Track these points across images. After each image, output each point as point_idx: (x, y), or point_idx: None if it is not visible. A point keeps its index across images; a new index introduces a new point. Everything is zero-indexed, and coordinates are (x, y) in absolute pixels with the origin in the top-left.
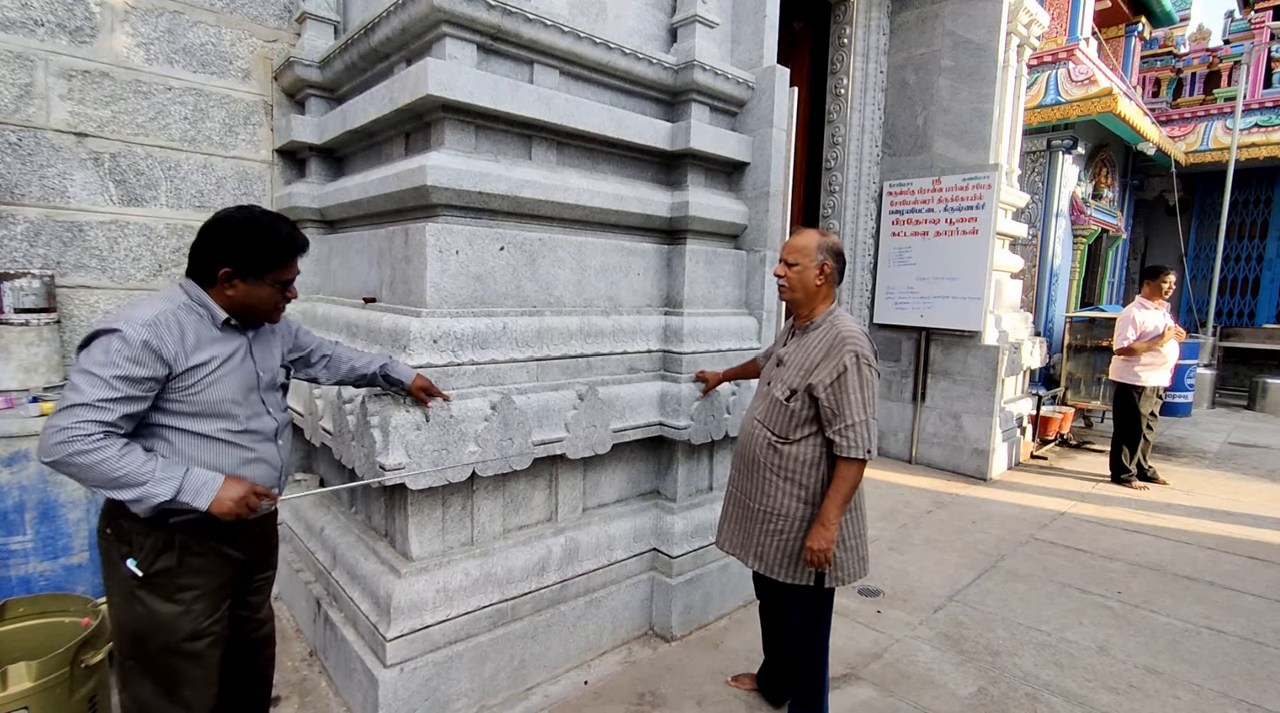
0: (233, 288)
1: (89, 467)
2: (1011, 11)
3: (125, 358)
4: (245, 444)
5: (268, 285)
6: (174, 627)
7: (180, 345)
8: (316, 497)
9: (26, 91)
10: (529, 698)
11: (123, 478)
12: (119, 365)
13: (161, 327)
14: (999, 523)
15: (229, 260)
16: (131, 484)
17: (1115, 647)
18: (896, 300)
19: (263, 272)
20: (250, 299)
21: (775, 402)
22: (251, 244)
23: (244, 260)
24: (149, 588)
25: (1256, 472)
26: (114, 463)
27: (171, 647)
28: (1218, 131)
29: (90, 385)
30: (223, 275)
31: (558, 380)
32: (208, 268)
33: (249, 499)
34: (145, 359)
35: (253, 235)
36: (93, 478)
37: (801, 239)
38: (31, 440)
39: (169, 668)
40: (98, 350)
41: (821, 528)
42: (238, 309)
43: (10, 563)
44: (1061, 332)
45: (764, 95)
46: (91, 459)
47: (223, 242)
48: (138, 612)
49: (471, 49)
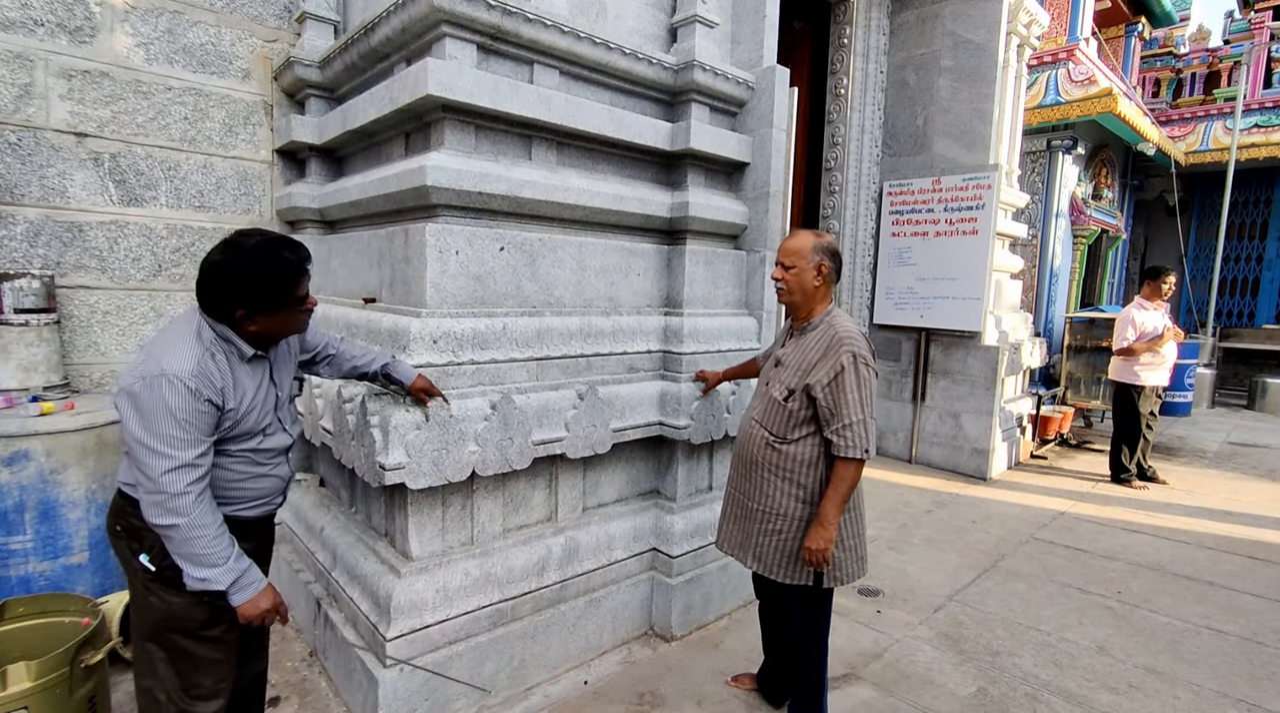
0: (254, 323)
1: (189, 541)
2: (1011, 11)
3: (189, 414)
4: (261, 461)
5: (285, 310)
6: (190, 615)
7: (225, 388)
8: (317, 496)
9: (26, 91)
10: (529, 698)
11: (205, 558)
12: (189, 423)
13: (205, 374)
14: (999, 523)
15: (241, 303)
16: (206, 565)
17: (1115, 647)
18: (896, 300)
19: (277, 303)
20: (273, 327)
21: (773, 402)
22: (259, 284)
23: (256, 300)
24: (162, 582)
25: (1256, 472)
26: (207, 543)
27: (191, 633)
28: (1218, 131)
29: (178, 449)
30: (240, 316)
31: (558, 380)
32: (222, 310)
33: (270, 614)
34: (205, 410)
35: (258, 275)
36: (182, 548)
37: (796, 241)
38: (31, 440)
39: (189, 654)
40: (160, 412)
41: (820, 528)
42: (263, 338)
43: (10, 563)
44: (1061, 332)
45: (764, 95)
46: (194, 534)
47: (230, 288)
48: (153, 603)
49: (471, 49)
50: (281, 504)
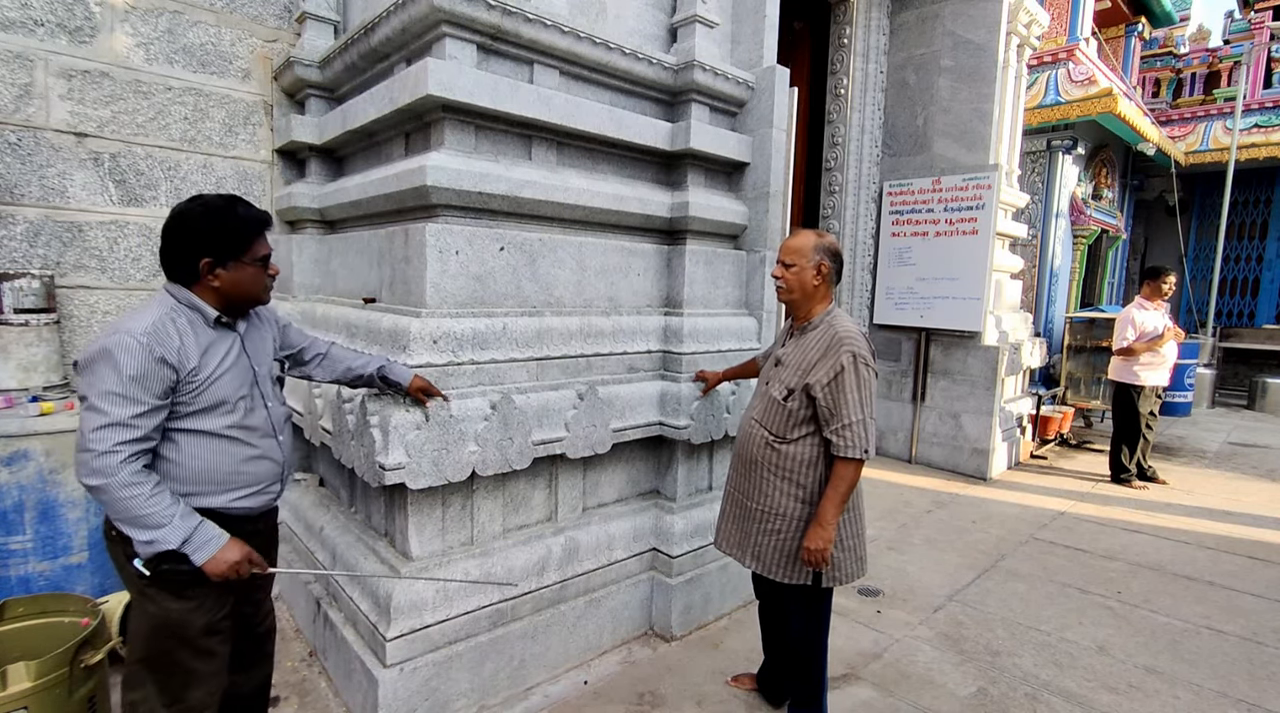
0: (217, 278)
1: (120, 501)
2: (1011, 11)
3: (137, 371)
4: (248, 440)
5: (248, 265)
6: (187, 622)
7: (182, 348)
8: (317, 496)
9: (26, 91)
10: (529, 698)
11: (145, 518)
12: (135, 380)
13: (161, 333)
14: (999, 523)
15: (205, 249)
16: (149, 526)
17: (1115, 647)
18: (896, 300)
19: (240, 251)
20: (237, 285)
21: (773, 402)
22: (220, 228)
23: (219, 246)
24: (158, 586)
25: (1256, 472)
26: (142, 502)
27: (187, 643)
28: (1217, 132)
29: (114, 406)
30: (204, 266)
31: (558, 380)
32: (186, 264)
33: (242, 565)
34: (155, 369)
35: (218, 219)
36: (118, 512)
37: (798, 240)
38: (31, 440)
39: (182, 667)
40: (106, 369)
41: (818, 528)
42: (227, 299)
43: (10, 563)
44: (1061, 332)
45: (764, 95)
46: (125, 494)
47: (192, 234)
48: (150, 610)
49: (471, 49)
50: (279, 495)
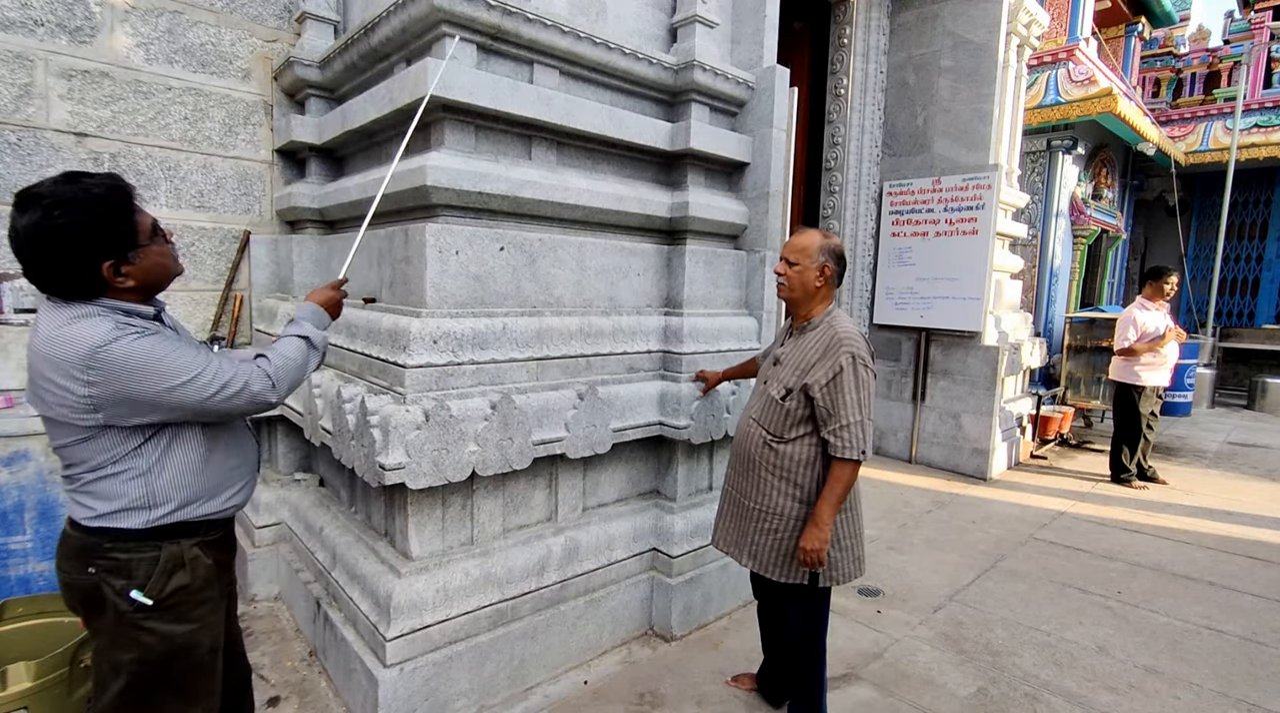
0: (125, 277)
1: (290, 372)
2: (1011, 11)
3: (168, 345)
4: (231, 432)
5: (148, 244)
6: (194, 642)
7: None
8: (317, 496)
9: (26, 91)
10: (529, 698)
11: (302, 352)
12: (175, 346)
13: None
14: (999, 523)
15: (105, 252)
16: (310, 349)
17: (1115, 647)
18: (896, 300)
19: (133, 233)
20: (149, 272)
21: (771, 401)
22: (101, 220)
23: (116, 242)
24: (160, 614)
25: (1256, 472)
26: (290, 354)
27: (195, 666)
28: (1218, 132)
29: (192, 358)
30: (108, 270)
31: (558, 380)
32: (83, 277)
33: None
34: (173, 339)
35: (93, 211)
36: (302, 372)
37: (804, 238)
38: (31, 440)
39: (187, 691)
40: (145, 366)
41: (815, 528)
42: (147, 291)
43: (9, 563)
44: (1061, 332)
45: (764, 95)
46: (284, 370)
47: (73, 241)
48: (147, 643)
49: (471, 49)
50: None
